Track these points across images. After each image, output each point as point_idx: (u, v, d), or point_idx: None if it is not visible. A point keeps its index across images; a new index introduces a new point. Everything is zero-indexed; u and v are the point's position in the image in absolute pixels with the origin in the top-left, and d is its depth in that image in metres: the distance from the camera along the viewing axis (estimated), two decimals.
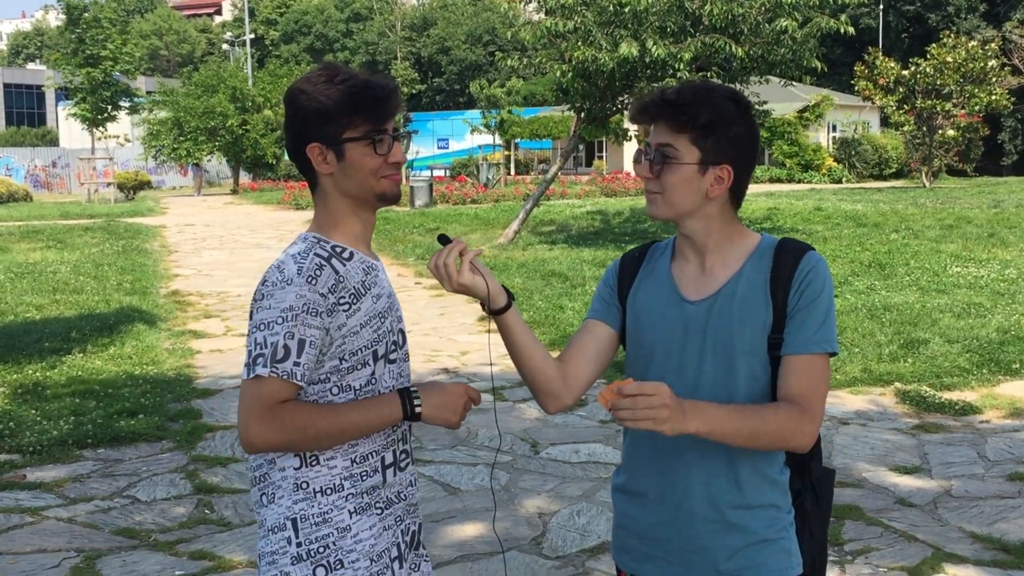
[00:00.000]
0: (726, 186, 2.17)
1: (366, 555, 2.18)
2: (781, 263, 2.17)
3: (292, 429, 2.06)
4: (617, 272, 2.37)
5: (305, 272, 2.09)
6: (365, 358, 2.16)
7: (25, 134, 73.08)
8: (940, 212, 21.23)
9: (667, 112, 2.14)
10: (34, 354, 9.37)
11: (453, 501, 5.70)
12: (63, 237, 21.17)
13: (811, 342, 2.12)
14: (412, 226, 22.73)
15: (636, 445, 2.28)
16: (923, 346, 9.23)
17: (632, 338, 2.29)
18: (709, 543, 2.19)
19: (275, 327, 2.06)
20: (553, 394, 2.27)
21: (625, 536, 2.31)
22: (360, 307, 2.15)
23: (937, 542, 5.02)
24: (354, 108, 2.13)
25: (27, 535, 5.25)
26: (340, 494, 2.18)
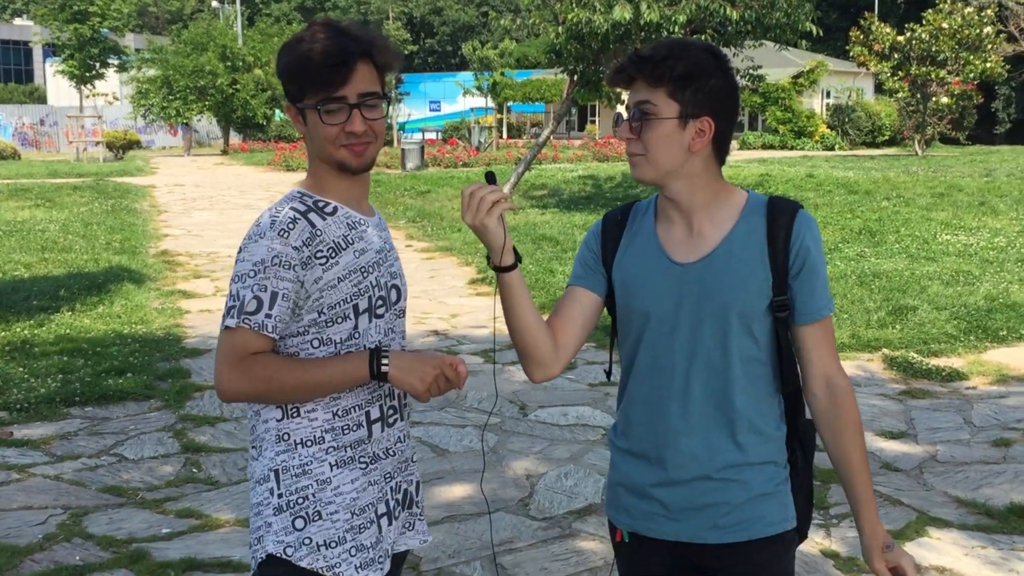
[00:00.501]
0: (708, 139, 2.14)
1: (347, 508, 2.17)
2: (776, 223, 2.16)
3: (259, 379, 2.09)
4: (600, 236, 2.33)
5: (277, 225, 2.09)
6: (345, 312, 2.15)
7: (12, 91, 72.36)
8: (931, 180, 21.22)
9: (644, 68, 2.11)
10: (22, 312, 9.34)
11: (441, 462, 5.71)
12: (52, 196, 21.04)
13: (823, 307, 2.19)
14: (403, 188, 22.65)
15: (636, 407, 2.27)
16: (911, 313, 9.25)
17: (622, 304, 2.27)
18: (710, 499, 2.20)
19: (247, 279, 2.08)
20: (542, 362, 2.25)
21: (624, 494, 2.30)
22: (339, 261, 2.13)
23: (922, 506, 5.05)
24: (306, 75, 2.10)
25: (13, 492, 5.25)
26: (321, 446, 2.17)
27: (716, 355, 2.16)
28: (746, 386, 2.18)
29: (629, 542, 2.32)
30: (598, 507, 5.06)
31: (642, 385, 2.24)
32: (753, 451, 2.20)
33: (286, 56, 2.14)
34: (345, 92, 2.10)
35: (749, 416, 2.19)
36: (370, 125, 2.15)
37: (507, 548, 4.58)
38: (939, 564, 4.40)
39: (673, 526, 2.23)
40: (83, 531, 4.74)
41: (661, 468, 2.22)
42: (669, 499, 2.22)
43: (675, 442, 2.20)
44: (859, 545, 4.57)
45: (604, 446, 6.01)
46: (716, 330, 2.15)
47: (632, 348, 2.26)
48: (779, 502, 2.23)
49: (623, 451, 2.32)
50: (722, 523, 2.20)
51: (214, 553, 4.50)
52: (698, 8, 16.22)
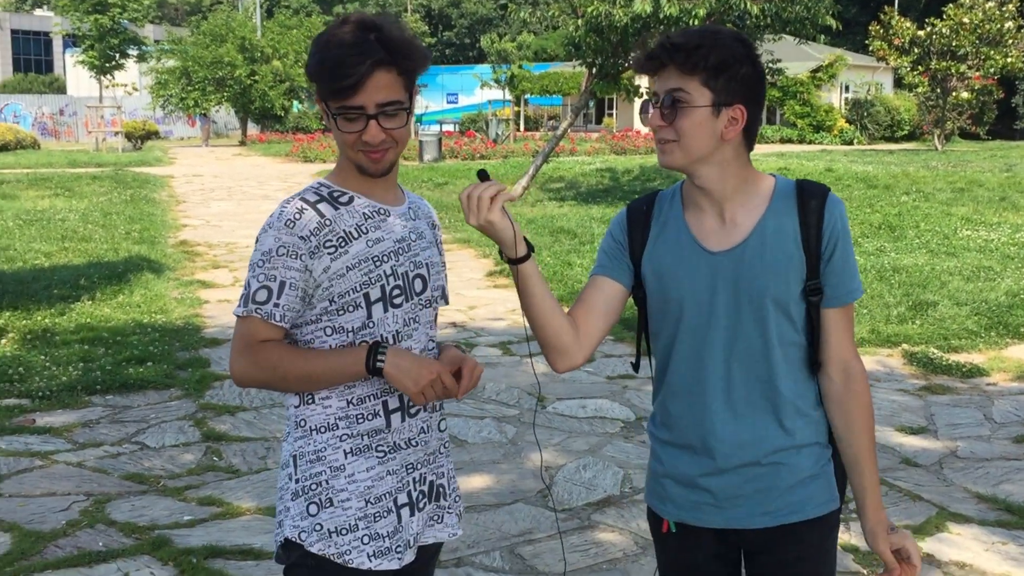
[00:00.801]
0: (740, 127, 2.15)
1: (360, 496, 2.18)
2: (807, 208, 2.17)
3: (264, 368, 2.14)
4: (625, 226, 2.32)
5: (284, 216, 2.13)
6: (356, 300, 2.15)
7: (32, 81, 72.74)
8: (951, 175, 21.11)
9: (677, 56, 2.11)
10: (43, 300, 9.40)
11: (460, 453, 5.73)
12: (71, 185, 21.14)
13: (852, 291, 2.21)
14: (421, 180, 22.67)
15: (676, 398, 2.27)
16: (931, 308, 9.22)
17: (657, 295, 2.26)
18: (758, 485, 2.22)
19: (256, 269, 2.14)
20: (564, 351, 2.24)
21: (670, 485, 2.30)
22: (348, 250, 2.14)
23: (942, 502, 5.04)
24: (324, 82, 2.10)
25: (37, 478, 5.29)
26: (334, 433, 2.19)
27: (756, 341, 2.17)
28: (787, 370, 2.20)
29: (676, 532, 2.32)
30: (617, 499, 5.07)
31: (682, 376, 2.25)
32: (799, 434, 2.22)
33: (312, 56, 2.12)
34: (363, 101, 2.08)
35: (793, 399, 2.21)
36: (389, 133, 2.13)
37: (526, 539, 4.59)
38: (959, 559, 4.39)
39: (722, 514, 2.25)
40: (106, 517, 4.78)
41: (708, 457, 2.23)
42: (718, 488, 2.23)
43: (721, 431, 2.21)
44: None
45: (623, 439, 6.02)
46: (754, 316, 2.16)
47: (669, 339, 2.26)
48: (825, 483, 2.26)
49: (665, 442, 2.32)
50: (771, 508, 2.22)
51: (236, 540, 4.53)
52: (718, 1, 16.17)
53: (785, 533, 2.23)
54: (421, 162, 29.05)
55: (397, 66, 2.09)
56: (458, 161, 30.23)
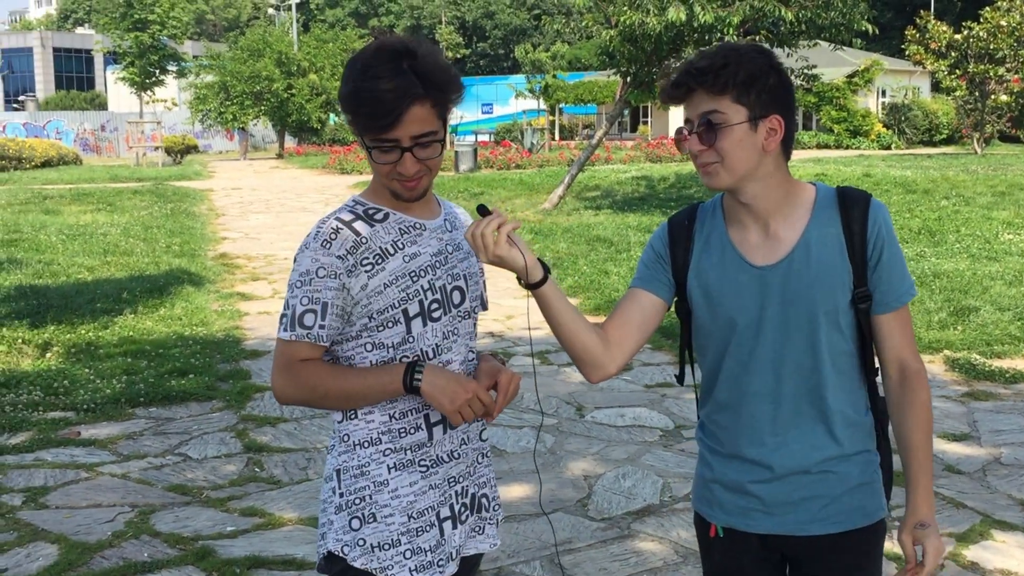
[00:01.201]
0: (780, 137, 2.15)
1: (403, 511, 2.20)
2: (850, 215, 2.17)
3: (305, 387, 2.17)
4: (667, 240, 2.32)
5: (320, 236, 2.14)
6: (395, 316, 2.17)
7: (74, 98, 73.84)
8: (992, 179, 20.87)
9: (705, 80, 2.11)
10: (87, 314, 9.53)
11: (499, 463, 5.74)
12: (113, 200, 21.43)
13: (903, 294, 2.20)
14: (457, 191, 22.74)
15: (725, 411, 2.28)
16: (973, 314, 9.12)
17: (703, 312, 2.26)
18: (808, 493, 2.23)
19: (295, 290, 2.15)
20: (595, 363, 2.26)
21: (719, 491, 2.31)
22: (385, 267, 2.15)
23: (986, 509, 4.99)
24: (358, 115, 2.09)
25: (82, 490, 5.37)
26: (378, 448, 2.20)
27: (805, 353, 2.18)
28: (837, 379, 2.20)
29: (723, 537, 2.33)
30: (657, 508, 5.07)
31: (731, 390, 2.26)
32: (848, 443, 2.23)
33: (345, 87, 2.10)
34: (398, 135, 2.08)
35: (842, 409, 2.21)
36: (423, 164, 2.13)
37: (566, 548, 4.60)
38: (1004, 567, 4.35)
39: (770, 520, 2.26)
40: (151, 528, 4.84)
41: (758, 467, 2.24)
42: (767, 495, 2.24)
43: (771, 442, 2.22)
44: None
45: (662, 447, 6.01)
46: (803, 328, 2.17)
47: (717, 354, 2.27)
48: (874, 491, 2.27)
49: (715, 451, 2.33)
50: (821, 515, 2.23)
51: (278, 551, 4.57)
52: (752, 9, 16.12)
53: (833, 541, 2.24)
54: (457, 172, 29.16)
55: (432, 99, 2.08)
56: (494, 171, 30.30)
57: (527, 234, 15.20)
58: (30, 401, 6.83)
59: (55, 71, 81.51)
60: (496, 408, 2.21)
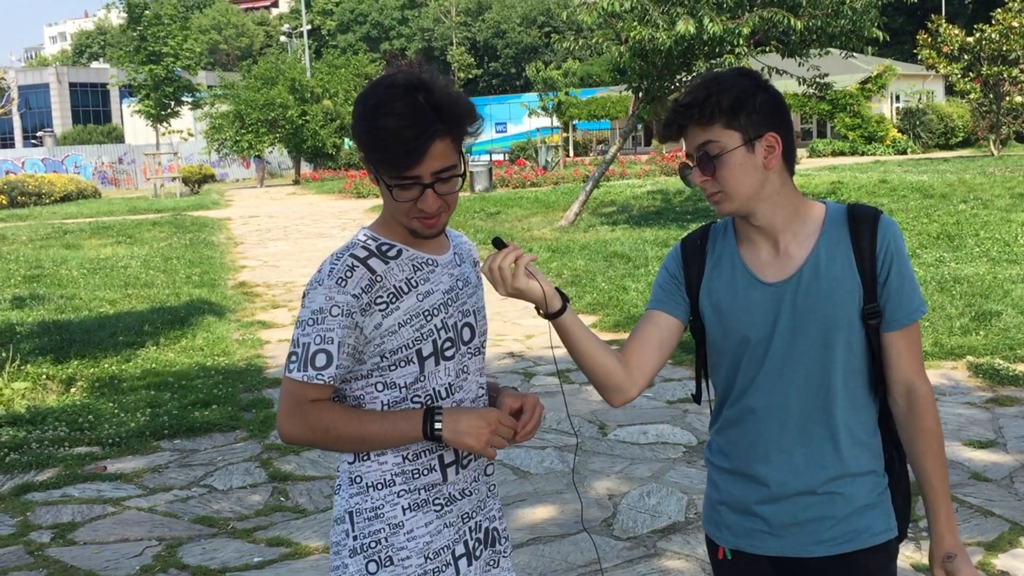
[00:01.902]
0: (779, 153, 2.17)
1: (420, 552, 2.17)
2: (859, 233, 2.18)
3: (316, 429, 2.12)
4: (680, 260, 2.34)
5: (336, 274, 2.09)
6: (408, 356, 2.14)
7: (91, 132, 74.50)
8: (1010, 180, 20.76)
9: (692, 114, 2.15)
10: (109, 348, 9.59)
11: (523, 484, 5.74)
12: (132, 232, 21.59)
13: (912, 311, 2.19)
14: (473, 211, 22.80)
15: (734, 428, 2.28)
16: (995, 318, 9.07)
17: (714, 329, 2.28)
18: (814, 514, 2.22)
19: (307, 328, 2.09)
20: (616, 388, 2.27)
21: (725, 512, 2.32)
22: (399, 306, 2.12)
23: (1014, 516, 4.95)
24: (379, 153, 2.05)
25: (110, 525, 5.40)
26: (392, 489, 2.17)
27: (814, 370, 2.18)
28: (846, 397, 2.20)
29: (731, 559, 2.33)
30: (682, 525, 5.05)
31: (739, 406, 2.27)
32: (855, 462, 2.22)
33: (362, 124, 2.05)
34: (419, 172, 2.05)
35: (850, 427, 2.21)
36: (443, 199, 2.11)
37: (592, 569, 4.59)
38: None
39: (777, 542, 2.25)
40: (178, 562, 4.87)
41: (764, 486, 2.24)
42: (772, 515, 2.24)
43: (777, 459, 2.22)
44: None
45: (686, 464, 6.00)
46: (813, 345, 2.17)
47: (729, 371, 2.28)
48: (882, 511, 2.25)
49: (722, 470, 2.33)
50: (826, 537, 2.22)
51: None
52: (761, 20, 16.12)
53: (841, 563, 2.23)
54: (472, 192, 29.22)
55: (452, 134, 2.07)
56: (509, 190, 30.35)
57: (544, 252, 15.21)
58: (56, 437, 6.88)
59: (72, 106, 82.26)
60: (523, 431, 2.20)
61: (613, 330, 9.49)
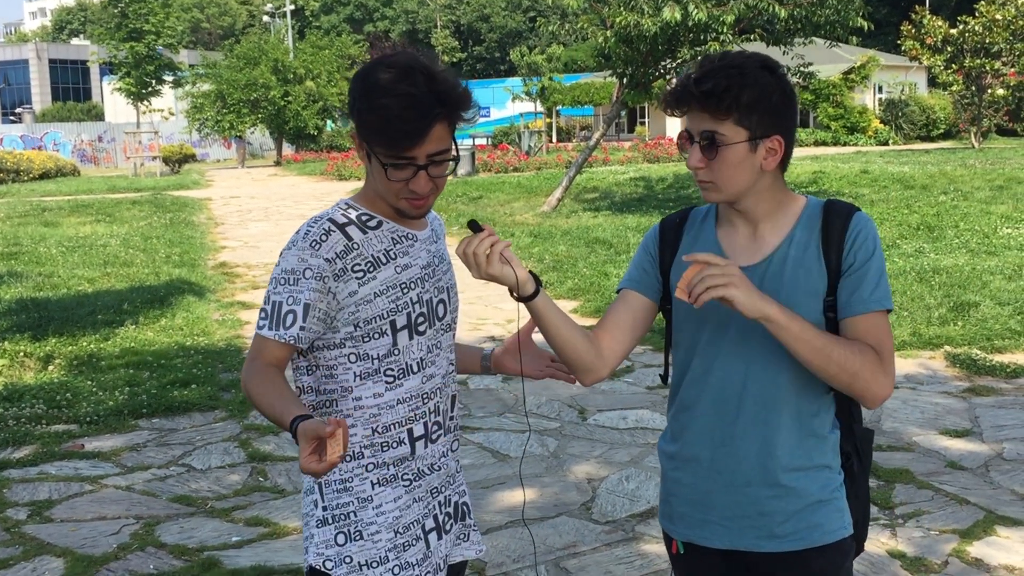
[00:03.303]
0: (779, 156, 2.15)
1: (389, 527, 2.19)
2: (831, 225, 2.16)
3: (250, 394, 2.11)
4: (658, 240, 2.34)
5: (311, 237, 2.10)
6: (382, 327, 2.15)
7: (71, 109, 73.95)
8: (990, 173, 20.89)
9: (708, 103, 2.08)
10: (88, 326, 9.54)
11: (503, 467, 5.75)
12: (111, 211, 21.45)
13: (869, 301, 2.11)
14: (455, 195, 22.78)
15: (688, 412, 2.27)
16: (973, 309, 9.13)
17: (678, 308, 2.27)
18: (765, 507, 2.20)
19: (279, 287, 2.10)
20: (587, 368, 2.27)
21: (677, 504, 2.31)
22: (376, 276, 2.13)
23: (989, 505, 5.00)
24: (378, 132, 2.06)
25: (87, 503, 5.38)
26: (360, 462, 2.18)
27: (771, 358, 2.15)
28: (801, 388, 2.17)
29: (684, 553, 2.33)
30: (660, 513, 5.07)
31: (695, 390, 2.25)
32: (808, 455, 2.19)
33: (363, 102, 2.05)
34: (415, 153, 2.07)
35: (805, 419, 2.18)
36: (434, 181, 2.13)
37: (571, 552, 4.61)
38: (1008, 563, 4.35)
39: (728, 535, 2.24)
40: (156, 540, 4.85)
41: (715, 473, 2.23)
42: (723, 506, 2.23)
43: (729, 446, 2.20)
44: (924, 545, 4.55)
45: None
46: (769, 335, 2.12)
47: (687, 353, 2.27)
48: (835, 508, 2.22)
49: (674, 457, 2.32)
50: (779, 532, 2.20)
51: (283, 560, 4.58)
52: (747, 7, 16.14)
53: (793, 559, 2.20)
54: (455, 176, 29.16)
55: (450, 118, 2.08)
56: (492, 174, 30.32)
57: (526, 237, 15.21)
58: (33, 414, 6.84)
59: (51, 82, 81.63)
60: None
61: (594, 315, 9.50)
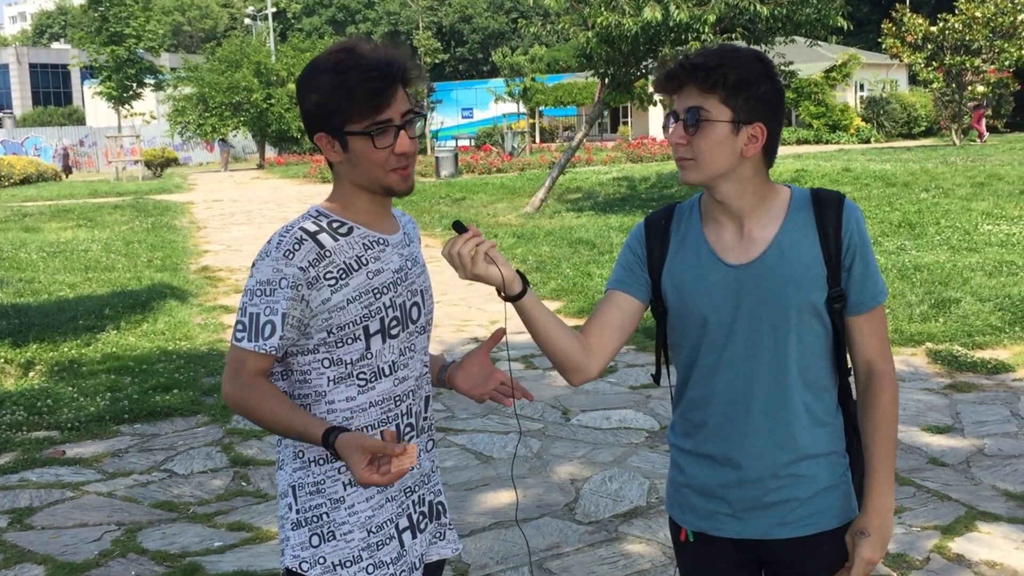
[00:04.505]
0: (760, 145, 2.16)
1: (362, 527, 2.20)
2: (824, 217, 2.20)
3: (246, 408, 2.12)
4: (643, 239, 2.34)
5: (284, 246, 2.11)
6: (355, 333, 2.15)
7: (52, 114, 73.54)
8: (971, 170, 20.99)
9: (697, 75, 2.12)
10: (69, 332, 9.48)
11: (486, 469, 5.75)
12: (93, 215, 21.34)
13: (876, 296, 2.23)
14: (438, 197, 22.74)
15: (697, 410, 2.29)
16: (954, 305, 9.17)
17: (677, 309, 2.28)
18: (778, 497, 2.23)
19: (254, 298, 2.11)
20: (576, 368, 2.28)
21: (689, 495, 2.33)
22: (349, 282, 2.14)
23: (970, 501, 5.02)
24: (350, 101, 2.07)
25: (68, 510, 5.35)
26: (333, 465, 2.19)
27: (777, 353, 2.19)
28: (808, 380, 2.21)
29: (694, 541, 2.35)
30: (644, 510, 5.08)
31: (702, 388, 2.27)
32: (817, 444, 2.23)
33: (322, 87, 2.09)
34: (390, 114, 2.10)
35: (811, 408, 2.22)
36: (413, 142, 2.16)
37: (554, 553, 4.60)
38: (989, 559, 4.37)
39: (741, 525, 2.27)
40: (137, 546, 4.83)
41: (729, 468, 2.25)
42: (737, 499, 2.25)
43: (741, 442, 2.23)
44: (906, 542, 4.56)
45: (648, 448, 6.03)
46: (775, 328, 2.18)
47: (691, 352, 2.28)
48: (844, 493, 2.27)
49: (686, 452, 2.34)
50: (790, 519, 2.23)
51: (266, 565, 4.57)
52: (728, 6, 16.18)
53: (804, 545, 2.25)
54: (438, 178, 29.15)
55: (405, 79, 2.13)
56: (475, 176, 30.31)
57: (510, 238, 15.20)
58: (13, 421, 6.79)
59: (32, 87, 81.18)
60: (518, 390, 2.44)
61: (578, 316, 9.51)
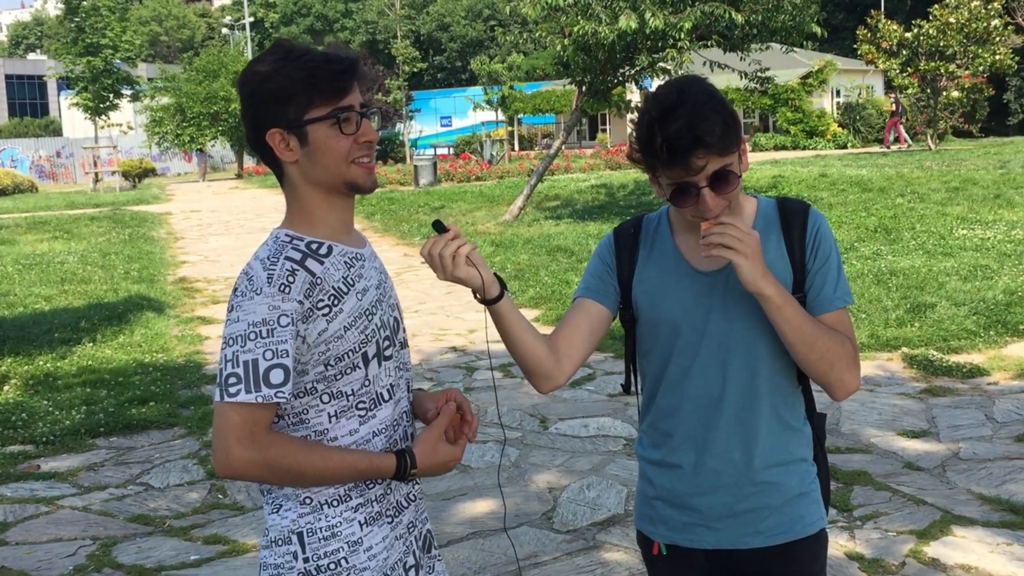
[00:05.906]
0: (747, 156, 2.22)
1: (379, 570, 2.06)
2: (790, 224, 2.22)
3: (278, 469, 1.94)
4: (613, 248, 2.35)
5: (276, 280, 1.91)
6: (354, 362, 2.01)
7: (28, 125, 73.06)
8: (946, 175, 21.13)
9: (713, 150, 2.07)
10: (44, 345, 9.42)
11: (464, 479, 5.74)
12: (69, 227, 21.21)
13: (835, 299, 2.21)
14: (417, 205, 22.71)
15: (667, 418, 2.29)
16: (930, 310, 9.23)
17: (649, 317, 2.28)
18: (749, 505, 2.24)
19: (248, 344, 1.89)
20: (544, 375, 2.28)
21: (661, 507, 2.33)
22: (343, 308, 1.99)
23: (946, 505, 5.05)
24: (312, 85, 1.95)
25: (43, 525, 5.31)
26: (347, 504, 2.04)
27: (748, 359, 2.20)
28: (777, 385, 2.23)
29: (666, 555, 2.34)
30: (621, 518, 5.08)
31: (673, 395, 2.28)
32: (787, 450, 2.25)
33: (278, 75, 1.96)
34: (351, 102, 2.00)
35: (781, 416, 2.24)
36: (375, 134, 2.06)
37: (532, 562, 4.60)
38: (964, 563, 4.40)
39: (713, 535, 2.27)
40: (113, 561, 4.80)
41: (699, 476, 2.26)
42: (709, 508, 2.26)
43: (711, 449, 2.24)
44: (881, 546, 4.57)
45: (626, 456, 6.03)
46: (746, 334, 2.19)
47: (661, 360, 2.29)
48: (813, 500, 2.29)
49: (655, 463, 2.34)
50: (763, 527, 2.25)
51: None
52: (703, 14, 16.22)
53: (777, 553, 2.26)
54: (417, 187, 29.11)
55: (360, 73, 2.05)
56: (454, 184, 30.28)
57: (489, 246, 15.20)
58: None
59: (8, 98, 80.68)
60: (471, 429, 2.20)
61: (556, 324, 9.50)
